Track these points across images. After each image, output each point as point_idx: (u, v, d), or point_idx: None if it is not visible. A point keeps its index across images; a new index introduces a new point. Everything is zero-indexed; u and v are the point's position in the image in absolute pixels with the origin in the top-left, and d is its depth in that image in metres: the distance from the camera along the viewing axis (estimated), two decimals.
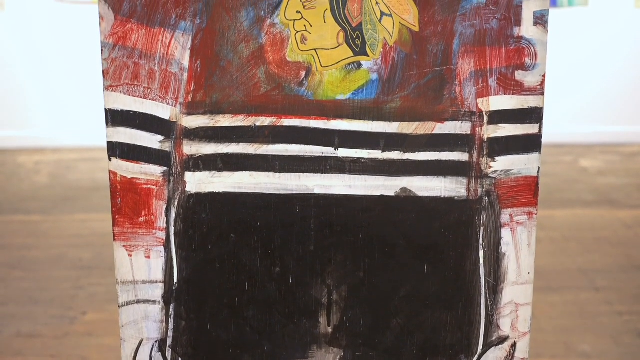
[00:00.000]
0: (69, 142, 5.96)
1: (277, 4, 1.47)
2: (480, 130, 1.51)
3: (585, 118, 5.98)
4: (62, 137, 5.96)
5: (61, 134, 5.96)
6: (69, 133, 5.96)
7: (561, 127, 5.89)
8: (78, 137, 5.94)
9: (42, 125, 5.98)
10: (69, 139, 5.96)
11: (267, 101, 1.50)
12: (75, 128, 5.97)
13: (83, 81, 5.85)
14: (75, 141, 5.94)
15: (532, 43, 1.48)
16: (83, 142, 5.92)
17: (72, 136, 5.96)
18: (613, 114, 5.98)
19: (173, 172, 1.54)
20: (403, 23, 1.47)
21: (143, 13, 1.47)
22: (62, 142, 5.96)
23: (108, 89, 1.50)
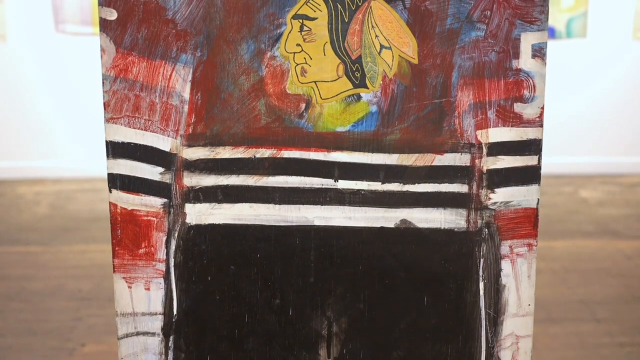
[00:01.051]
0: (69, 173, 5.97)
1: (278, 37, 1.48)
2: (479, 162, 1.52)
3: (584, 149, 5.99)
4: (63, 168, 5.97)
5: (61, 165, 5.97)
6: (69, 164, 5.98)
7: (561, 157, 5.90)
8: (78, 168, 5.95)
9: (43, 156, 5.99)
10: (69, 170, 5.97)
11: (267, 133, 1.51)
12: (76, 159, 5.98)
13: (83, 112, 5.87)
14: (76, 172, 5.95)
15: (531, 75, 1.49)
16: (83, 173, 5.93)
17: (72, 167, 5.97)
18: (612, 144, 6.00)
19: (173, 204, 1.54)
20: (402, 56, 1.48)
21: (144, 46, 1.48)
22: (62, 172, 5.96)
23: (109, 121, 1.51)
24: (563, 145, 5.93)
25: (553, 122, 5.64)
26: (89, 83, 5.73)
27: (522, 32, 1.47)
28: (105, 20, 1.47)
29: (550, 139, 5.55)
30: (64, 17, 5.75)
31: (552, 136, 5.66)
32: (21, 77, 5.88)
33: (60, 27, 5.78)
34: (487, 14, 1.46)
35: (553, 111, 5.56)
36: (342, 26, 1.47)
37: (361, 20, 1.47)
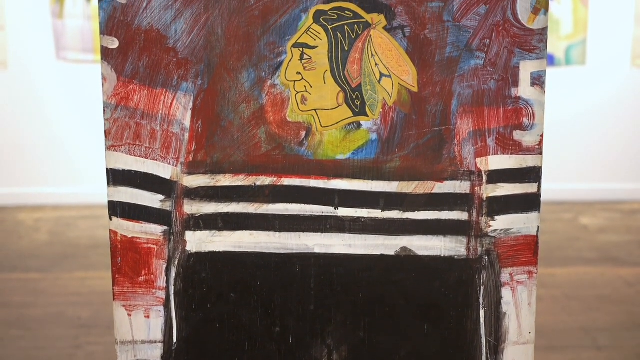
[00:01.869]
0: (69, 200, 5.97)
1: (278, 65, 1.49)
2: (479, 189, 1.52)
3: (584, 175, 6.00)
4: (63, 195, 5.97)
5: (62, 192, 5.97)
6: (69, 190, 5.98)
7: (561, 184, 5.91)
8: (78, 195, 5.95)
9: (43, 183, 6.00)
10: (69, 197, 5.97)
11: (267, 161, 1.52)
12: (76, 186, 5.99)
13: (84, 139, 5.89)
14: (76, 199, 5.95)
15: (530, 103, 1.50)
16: (83, 200, 5.93)
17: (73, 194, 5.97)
18: (612, 171, 6.01)
19: (173, 232, 1.54)
20: (402, 84, 1.49)
21: (145, 74, 1.49)
22: (62, 199, 5.97)
23: (110, 149, 1.51)
24: (563, 171, 5.94)
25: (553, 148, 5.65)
26: (89, 110, 5.75)
27: (521, 60, 1.48)
28: (107, 48, 1.48)
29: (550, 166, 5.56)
30: (65, 45, 5.78)
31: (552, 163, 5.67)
32: (22, 104, 5.90)
33: (62, 55, 5.81)
34: (486, 42, 1.48)
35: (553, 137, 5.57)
36: (342, 54, 1.48)
37: (361, 49, 1.48)
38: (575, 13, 5.72)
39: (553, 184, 5.77)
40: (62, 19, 5.74)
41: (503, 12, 1.47)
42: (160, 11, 1.47)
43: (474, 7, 1.46)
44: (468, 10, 1.47)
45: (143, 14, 1.47)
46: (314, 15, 1.47)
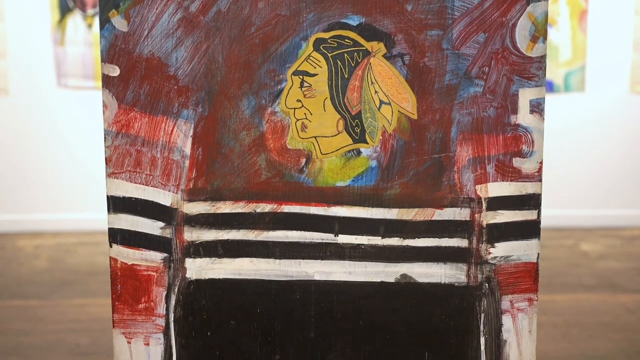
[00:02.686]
0: (69, 226, 5.97)
1: (278, 92, 1.50)
2: (479, 216, 1.53)
3: (584, 201, 6.00)
4: (63, 221, 5.97)
5: (61, 218, 5.97)
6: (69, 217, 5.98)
7: (561, 210, 5.91)
8: (78, 221, 5.95)
9: (43, 209, 6.00)
10: (69, 223, 5.97)
11: (267, 188, 1.52)
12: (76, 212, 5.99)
13: (84, 166, 5.89)
14: (76, 225, 5.95)
15: (529, 131, 1.50)
16: (83, 226, 5.93)
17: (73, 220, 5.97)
18: (612, 197, 6.01)
19: (173, 259, 1.54)
20: (402, 111, 1.50)
21: (146, 102, 1.50)
22: (62, 225, 5.96)
23: (110, 176, 1.52)
24: (563, 198, 5.94)
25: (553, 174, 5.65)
26: (90, 136, 5.76)
27: (520, 88, 1.49)
28: (108, 76, 1.49)
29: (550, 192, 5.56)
30: (66, 71, 5.81)
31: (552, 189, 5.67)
32: (22, 130, 5.91)
33: (62, 81, 5.83)
34: (485, 70, 1.48)
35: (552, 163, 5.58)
36: (342, 82, 1.49)
37: (361, 77, 1.49)
38: (574, 40, 5.75)
39: (553, 210, 5.77)
40: (64, 46, 5.77)
41: (502, 40, 1.48)
42: (161, 39, 1.48)
43: (472, 35, 1.47)
44: (467, 38, 1.48)
45: (144, 42, 1.49)
46: (314, 43, 1.48)
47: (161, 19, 1.48)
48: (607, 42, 5.81)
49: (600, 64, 5.84)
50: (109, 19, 1.48)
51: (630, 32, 5.78)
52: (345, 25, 1.48)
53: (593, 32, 5.76)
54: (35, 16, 5.76)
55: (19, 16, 5.76)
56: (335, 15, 1.47)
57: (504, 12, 1.47)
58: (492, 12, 1.47)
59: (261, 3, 1.47)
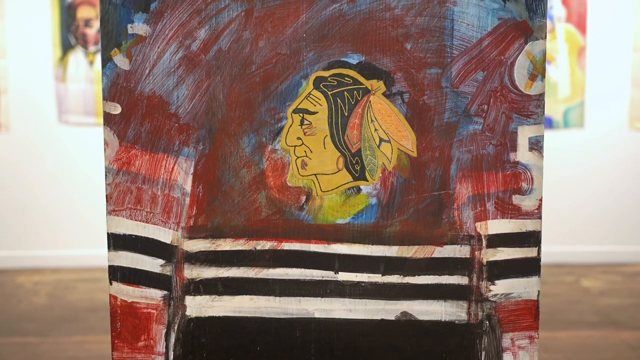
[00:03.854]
0: (68, 262, 5.95)
1: (278, 130, 1.50)
2: (479, 253, 1.53)
3: (585, 238, 5.99)
4: (62, 257, 5.96)
5: (61, 254, 5.96)
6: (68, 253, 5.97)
7: (561, 246, 5.90)
8: (78, 258, 5.94)
9: (43, 246, 5.99)
10: (68, 259, 5.96)
11: (267, 225, 1.52)
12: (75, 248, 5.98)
13: (84, 202, 5.90)
14: (75, 261, 5.94)
15: (528, 168, 1.51)
16: (83, 263, 5.92)
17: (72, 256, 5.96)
18: (612, 233, 6.00)
19: (173, 296, 1.54)
20: (401, 149, 1.51)
21: (147, 139, 1.51)
22: (62, 262, 5.95)
23: (111, 213, 1.52)
24: (563, 234, 5.94)
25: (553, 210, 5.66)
26: (90, 173, 5.77)
27: (518, 125, 1.50)
28: (109, 114, 1.50)
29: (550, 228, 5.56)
30: (68, 108, 5.84)
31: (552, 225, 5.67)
32: (23, 166, 5.93)
33: (64, 118, 5.86)
34: (484, 107, 1.49)
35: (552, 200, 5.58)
36: (342, 120, 1.50)
37: (361, 114, 1.50)
38: (573, 76, 5.78)
39: (554, 246, 5.77)
40: (65, 83, 5.81)
41: (500, 78, 1.49)
42: (162, 77, 1.50)
43: (471, 73, 1.49)
44: (466, 76, 1.49)
45: (146, 80, 1.50)
46: (314, 82, 1.49)
47: (163, 58, 1.49)
48: (606, 78, 5.84)
49: (599, 101, 5.87)
50: (111, 57, 1.50)
51: (629, 68, 5.82)
52: (345, 64, 1.49)
53: (591, 68, 5.80)
54: (37, 53, 5.80)
55: (21, 53, 5.81)
56: (335, 54, 1.49)
57: (503, 50, 1.48)
58: (491, 50, 1.48)
59: (262, 42, 1.49)
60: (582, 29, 5.73)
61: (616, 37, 5.78)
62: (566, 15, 5.71)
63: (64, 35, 5.77)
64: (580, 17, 5.71)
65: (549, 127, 5.83)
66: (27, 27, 5.79)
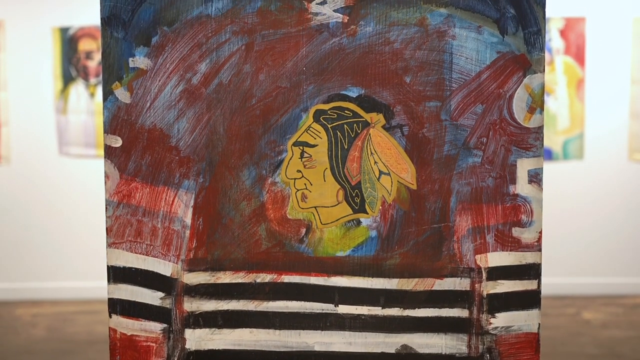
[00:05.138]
0: (67, 295, 5.94)
1: (278, 163, 1.51)
2: (479, 286, 1.52)
3: (585, 270, 5.98)
4: (61, 289, 5.94)
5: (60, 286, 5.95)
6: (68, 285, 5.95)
7: (561, 278, 5.89)
8: (77, 290, 5.92)
9: (42, 277, 5.97)
10: (67, 291, 5.94)
11: (267, 258, 1.52)
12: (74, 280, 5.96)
13: (84, 234, 5.89)
14: (74, 293, 5.92)
15: (528, 200, 1.51)
16: (82, 295, 5.90)
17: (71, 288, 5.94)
18: (613, 265, 5.99)
19: (173, 329, 1.54)
20: (401, 181, 1.51)
21: (148, 172, 1.51)
22: (61, 294, 5.93)
23: (111, 246, 1.52)
24: (563, 266, 5.92)
25: (553, 242, 5.65)
26: (90, 204, 5.77)
27: (518, 158, 1.51)
28: (110, 147, 1.51)
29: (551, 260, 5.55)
30: (68, 140, 5.86)
31: (553, 256, 5.66)
32: (23, 198, 5.93)
33: (64, 149, 5.87)
34: (484, 140, 1.50)
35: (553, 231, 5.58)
36: (341, 153, 1.51)
37: (360, 147, 1.51)
38: (572, 108, 5.81)
39: (554, 278, 5.75)
40: (66, 115, 5.83)
41: (499, 111, 1.50)
42: (163, 110, 1.51)
43: (470, 106, 1.50)
44: (465, 109, 1.50)
45: (147, 113, 1.51)
46: (314, 115, 1.50)
47: (164, 91, 1.50)
48: (605, 110, 5.87)
49: (599, 132, 5.89)
50: (112, 90, 1.51)
51: (627, 100, 5.84)
52: (345, 97, 1.50)
53: (590, 100, 5.83)
54: (38, 85, 5.83)
55: (22, 85, 5.84)
56: (335, 87, 1.50)
57: (501, 83, 1.49)
58: (490, 83, 1.49)
59: (262, 75, 1.50)
60: (580, 61, 5.77)
61: (614, 69, 5.81)
62: (565, 47, 5.75)
63: (65, 67, 5.81)
64: (578, 50, 5.74)
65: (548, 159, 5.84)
66: (28, 59, 5.83)
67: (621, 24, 5.78)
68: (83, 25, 5.77)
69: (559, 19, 5.72)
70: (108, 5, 1.49)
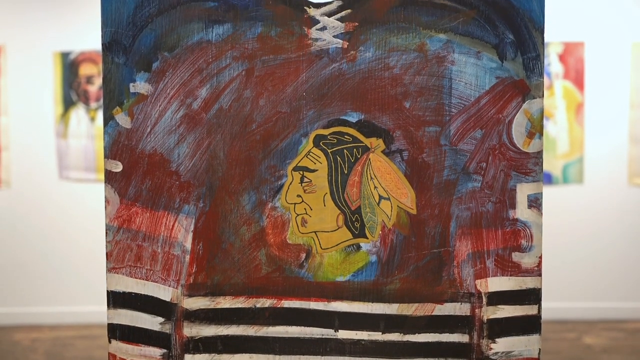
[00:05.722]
0: (67, 319, 5.92)
1: (278, 188, 1.51)
2: (479, 311, 1.52)
3: (586, 294, 5.97)
4: (61, 314, 5.93)
5: (59, 311, 5.93)
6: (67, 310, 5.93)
7: (562, 303, 5.87)
8: (76, 314, 5.90)
9: (41, 302, 5.96)
10: (67, 316, 5.92)
11: (267, 283, 1.52)
12: (74, 305, 5.95)
13: (83, 258, 5.88)
14: (73, 318, 5.90)
15: (528, 225, 1.51)
16: (81, 319, 5.88)
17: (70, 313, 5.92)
18: (614, 290, 5.98)
19: (172, 355, 1.53)
20: (401, 206, 1.51)
21: (148, 197, 1.51)
22: (60, 319, 5.92)
23: (111, 271, 1.52)
24: (564, 290, 5.91)
25: (553, 266, 5.64)
26: (90, 229, 5.77)
27: (517, 183, 1.51)
28: (111, 172, 1.51)
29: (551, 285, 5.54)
30: (68, 164, 5.86)
31: (553, 281, 5.65)
32: (22, 222, 5.93)
33: (64, 174, 5.88)
34: (483, 165, 1.50)
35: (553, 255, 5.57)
36: (341, 178, 1.51)
37: (360, 172, 1.51)
38: (571, 132, 5.82)
39: (554, 303, 5.74)
40: (66, 139, 5.84)
41: (499, 136, 1.50)
42: (164, 135, 1.51)
43: (470, 131, 1.50)
44: (464, 134, 1.50)
45: (147, 138, 1.51)
46: (314, 140, 1.51)
47: (164, 116, 1.51)
48: (604, 134, 5.88)
49: (598, 156, 5.90)
50: (112, 116, 1.51)
51: (626, 125, 5.86)
52: (345, 122, 1.51)
53: (590, 124, 5.84)
54: (39, 109, 5.85)
55: (23, 109, 5.85)
56: (334, 112, 1.50)
57: (500, 109, 1.50)
58: (489, 108, 1.50)
59: (262, 100, 1.50)
60: (579, 85, 5.79)
61: (613, 93, 5.83)
62: (564, 72, 5.78)
63: (65, 91, 5.83)
64: (577, 74, 5.77)
65: (548, 183, 5.84)
66: (29, 83, 5.85)
67: (620, 49, 5.81)
68: (84, 50, 5.80)
69: (558, 43, 5.75)
70: (109, 31, 1.50)
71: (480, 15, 1.49)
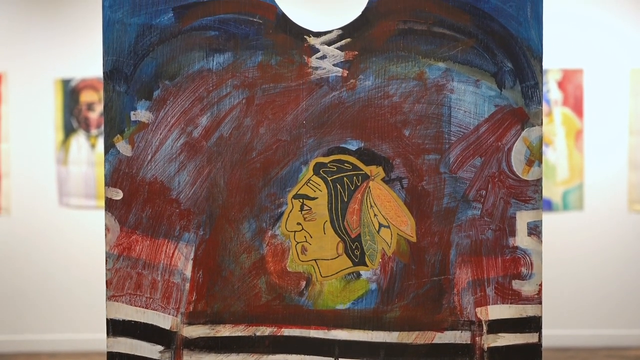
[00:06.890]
0: (66, 347, 5.89)
1: (278, 216, 1.51)
2: (480, 339, 1.52)
3: (587, 321, 5.94)
4: (60, 342, 5.90)
5: (58, 339, 5.90)
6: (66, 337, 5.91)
7: (563, 330, 5.85)
8: (75, 342, 5.88)
9: (40, 330, 5.93)
10: (66, 344, 5.90)
11: (267, 311, 1.52)
12: (73, 332, 5.92)
13: (83, 285, 5.87)
14: (73, 346, 5.88)
15: (528, 253, 1.51)
16: (80, 347, 5.85)
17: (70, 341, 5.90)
18: (614, 317, 5.95)
19: None
20: (401, 234, 1.51)
21: (148, 225, 1.51)
22: (59, 346, 5.89)
23: (110, 299, 1.52)
24: (565, 318, 5.89)
25: (554, 294, 5.63)
26: (90, 256, 5.76)
27: (517, 210, 1.51)
28: (111, 199, 1.51)
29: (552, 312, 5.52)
30: (68, 191, 5.86)
31: (554, 308, 5.63)
32: (22, 249, 5.92)
33: (64, 200, 5.88)
34: (483, 193, 1.51)
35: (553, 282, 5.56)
36: (341, 205, 1.51)
37: (360, 200, 1.51)
38: (571, 159, 5.83)
39: (556, 330, 5.72)
40: (67, 166, 5.85)
41: (498, 164, 1.51)
42: (164, 163, 1.51)
43: (469, 159, 1.50)
44: (464, 162, 1.51)
45: (148, 166, 1.51)
46: (314, 168, 1.51)
47: (165, 144, 1.51)
48: (604, 161, 5.89)
49: (598, 183, 5.90)
50: (113, 143, 1.52)
51: (626, 151, 5.87)
52: (345, 150, 1.51)
53: (589, 151, 5.85)
54: (39, 136, 5.86)
55: (23, 136, 5.86)
56: (334, 140, 1.51)
57: (500, 136, 1.50)
58: (488, 136, 1.51)
59: (262, 128, 1.51)
60: (579, 112, 5.80)
61: (613, 120, 5.85)
62: (563, 98, 5.79)
63: (66, 118, 5.85)
64: (576, 101, 5.79)
65: (548, 209, 5.84)
66: (30, 110, 5.87)
67: (619, 76, 5.83)
68: (85, 77, 5.82)
69: (557, 70, 5.77)
70: (110, 60, 1.51)
71: (479, 44, 1.50)
